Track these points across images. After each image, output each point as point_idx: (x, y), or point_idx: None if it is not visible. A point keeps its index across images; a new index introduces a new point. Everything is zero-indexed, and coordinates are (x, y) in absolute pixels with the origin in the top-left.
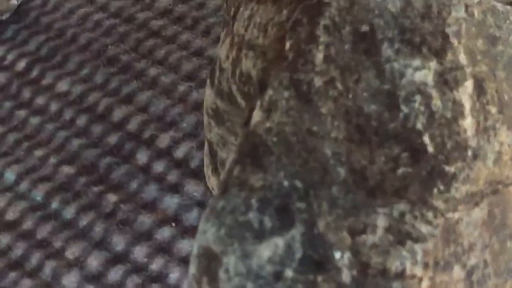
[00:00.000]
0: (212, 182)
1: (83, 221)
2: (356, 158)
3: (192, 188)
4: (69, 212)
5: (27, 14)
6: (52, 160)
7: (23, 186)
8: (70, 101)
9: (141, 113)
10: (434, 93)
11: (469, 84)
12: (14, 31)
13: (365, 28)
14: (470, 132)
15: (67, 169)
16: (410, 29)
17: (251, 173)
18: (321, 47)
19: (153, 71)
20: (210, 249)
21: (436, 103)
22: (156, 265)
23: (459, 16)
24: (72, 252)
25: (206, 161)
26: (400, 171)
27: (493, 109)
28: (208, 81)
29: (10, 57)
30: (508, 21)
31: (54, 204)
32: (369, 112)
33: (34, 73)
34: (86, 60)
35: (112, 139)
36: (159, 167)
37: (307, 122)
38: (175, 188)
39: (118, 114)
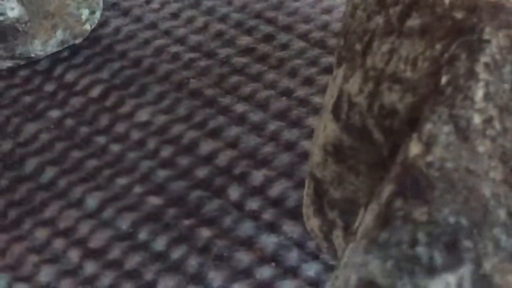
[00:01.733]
0: (312, 223)
1: (175, 254)
2: None
3: (290, 228)
4: (159, 244)
5: (98, 41)
6: (137, 189)
7: (107, 214)
8: (152, 132)
9: (230, 149)
10: None
11: None
12: (86, 57)
13: None
14: None
15: (154, 200)
16: None
17: (414, 207)
18: (480, 84)
19: (240, 108)
20: (374, 282)
21: None
22: None
23: None
24: (165, 285)
25: (307, 201)
26: None
27: None
28: (330, 116)
29: (83, 82)
30: None
31: (143, 235)
32: None
33: (111, 100)
34: (166, 92)
35: (201, 172)
36: (253, 204)
37: (465, 160)
38: (271, 227)
39: (205, 148)
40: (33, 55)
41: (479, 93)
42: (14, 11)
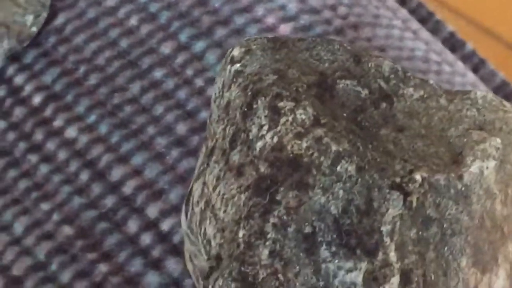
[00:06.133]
0: (188, 266)
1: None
2: None
3: (172, 266)
4: (65, 277)
5: (46, 39)
6: (55, 217)
7: (30, 240)
8: (76, 151)
9: (136, 176)
10: None
11: (395, 280)
12: (33, 57)
13: (308, 229)
14: None
15: (67, 230)
16: (347, 231)
17: None
18: (268, 243)
19: (151, 130)
20: None
21: None
22: None
23: (396, 214)
24: None
25: (187, 243)
26: None
27: None
28: (184, 207)
29: (28, 88)
30: (449, 193)
31: (53, 266)
32: None
33: (48, 111)
34: (93, 106)
35: (109, 201)
36: (147, 239)
37: None
38: (157, 265)
39: (116, 173)
40: None
41: (266, 252)
42: None
